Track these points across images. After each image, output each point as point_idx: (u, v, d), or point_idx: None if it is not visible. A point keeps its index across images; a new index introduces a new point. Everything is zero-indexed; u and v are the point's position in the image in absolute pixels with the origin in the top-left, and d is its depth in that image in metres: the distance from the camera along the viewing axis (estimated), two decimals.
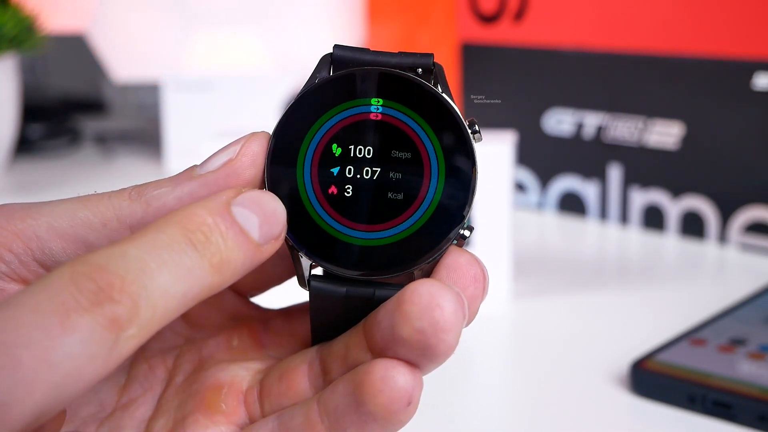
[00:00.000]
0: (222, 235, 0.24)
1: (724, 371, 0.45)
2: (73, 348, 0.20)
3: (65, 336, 0.20)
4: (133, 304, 0.21)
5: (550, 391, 0.48)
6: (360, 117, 0.27)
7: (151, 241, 0.23)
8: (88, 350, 0.21)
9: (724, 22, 0.69)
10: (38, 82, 1.27)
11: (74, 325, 0.21)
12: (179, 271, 0.23)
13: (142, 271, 0.22)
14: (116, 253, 0.22)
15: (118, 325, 0.21)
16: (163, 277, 0.22)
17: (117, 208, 0.26)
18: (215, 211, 0.24)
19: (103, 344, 0.21)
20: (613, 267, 0.70)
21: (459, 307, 0.24)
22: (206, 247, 0.23)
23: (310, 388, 0.27)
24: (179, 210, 0.24)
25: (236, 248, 0.24)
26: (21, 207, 0.27)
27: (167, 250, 0.23)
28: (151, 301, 0.22)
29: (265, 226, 0.25)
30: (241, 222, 0.24)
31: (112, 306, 0.21)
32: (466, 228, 0.27)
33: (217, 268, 0.23)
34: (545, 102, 0.80)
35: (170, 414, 0.29)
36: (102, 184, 0.29)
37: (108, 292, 0.21)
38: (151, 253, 0.22)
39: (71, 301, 0.21)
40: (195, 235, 0.23)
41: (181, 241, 0.23)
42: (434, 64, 0.27)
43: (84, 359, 0.21)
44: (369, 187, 0.27)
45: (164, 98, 0.93)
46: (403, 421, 0.25)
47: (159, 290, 0.22)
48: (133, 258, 0.22)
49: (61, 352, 0.20)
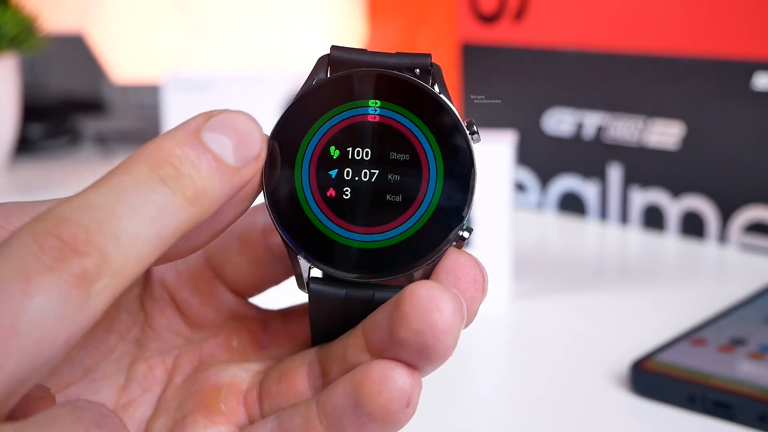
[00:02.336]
0: (193, 164, 0.23)
1: (724, 371, 0.45)
2: (40, 311, 0.20)
3: (29, 300, 0.20)
4: (100, 255, 0.21)
5: (550, 391, 0.48)
6: (358, 119, 0.27)
7: (117, 184, 0.22)
8: (57, 311, 0.20)
9: (724, 22, 0.69)
10: (38, 82, 1.27)
11: (38, 287, 0.20)
12: (149, 212, 0.22)
13: (108, 219, 0.21)
14: (78, 204, 0.21)
15: (86, 278, 0.20)
16: (131, 221, 0.21)
17: None
18: (183, 141, 0.23)
19: (72, 302, 0.20)
20: (613, 267, 0.70)
21: (457, 308, 0.24)
22: (177, 180, 0.22)
23: (309, 389, 0.27)
24: (146, 145, 0.23)
25: (211, 176, 0.23)
26: (18, 206, 0.26)
27: (134, 192, 0.22)
28: (122, 248, 0.21)
29: (241, 147, 0.24)
30: (214, 148, 0.23)
31: (78, 259, 0.20)
32: (465, 229, 0.27)
33: (192, 201, 0.22)
34: (545, 102, 0.80)
35: (169, 414, 0.29)
36: None
37: (72, 245, 0.20)
38: (116, 198, 0.21)
39: (33, 263, 0.20)
40: (164, 170, 0.22)
41: (148, 178, 0.22)
42: (432, 65, 0.27)
43: (54, 321, 0.20)
44: (367, 189, 0.27)
45: (164, 98, 0.93)
46: (402, 422, 0.25)
47: (129, 236, 0.21)
48: (97, 206, 0.21)
49: (28, 318, 0.19)
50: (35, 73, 1.27)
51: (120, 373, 0.29)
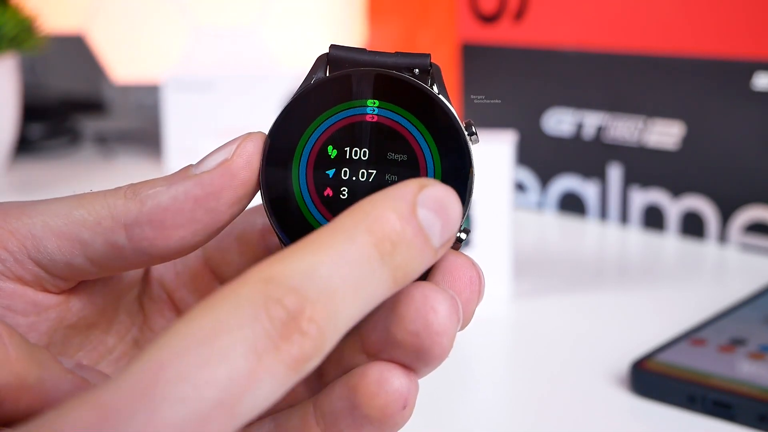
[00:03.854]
0: (408, 244, 0.22)
1: (724, 371, 0.45)
2: (260, 396, 0.19)
3: (256, 385, 0.19)
4: (320, 337, 0.20)
5: (550, 391, 0.48)
6: (356, 119, 0.27)
7: (343, 253, 0.21)
8: (274, 394, 0.20)
9: (724, 22, 0.69)
10: (38, 82, 1.27)
11: (266, 371, 0.19)
12: (367, 292, 0.21)
13: (332, 295, 0.21)
14: (306, 271, 0.21)
15: (303, 362, 0.20)
16: (351, 302, 0.21)
17: (112, 206, 0.26)
18: (404, 216, 0.22)
19: (286, 385, 0.20)
20: (613, 267, 0.70)
21: (453, 310, 0.24)
22: (392, 258, 0.22)
23: (306, 391, 0.27)
24: (367, 210, 0.22)
25: (419, 258, 0.23)
26: (16, 205, 0.27)
27: (358, 266, 0.21)
28: (338, 329, 0.21)
29: (446, 230, 0.23)
30: (426, 227, 0.23)
31: (301, 340, 0.20)
32: (462, 231, 0.26)
33: (398, 282, 0.22)
34: (545, 102, 0.80)
35: None
36: (102, 184, 0.29)
37: (298, 321, 0.20)
38: (341, 272, 0.21)
39: (263, 337, 0.19)
40: (383, 246, 0.22)
41: (371, 254, 0.22)
42: (431, 65, 0.27)
43: (267, 401, 0.20)
44: (365, 189, 0.27)
45: (164, 98, 0.93)
46: (399, 424, 0.25)
47: (345, 317, 0.21)
48: (324, 276, 0.21)
49: (250, 402, 0.19)
50: (35, 73, 1.27)
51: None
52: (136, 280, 0.30)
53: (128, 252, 0.26)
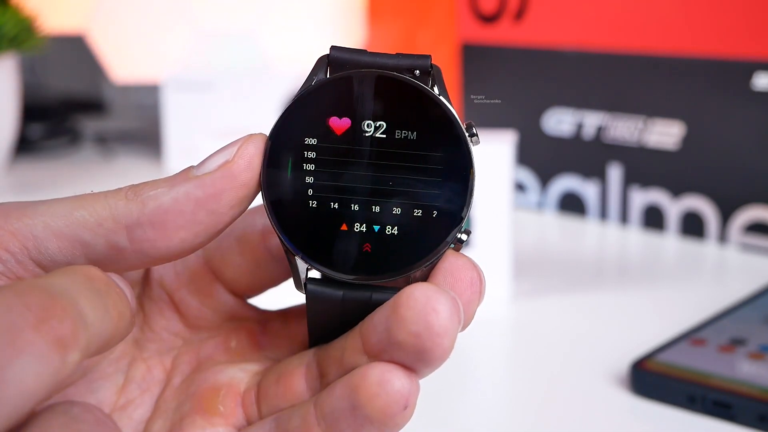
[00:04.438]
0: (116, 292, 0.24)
1: (724, 371, 0.45)
2: (25, 366, 0.20)
3: (18, 354, 0.20)
4: (73, 325, 0.21)
5: (550, 391, 0.48)
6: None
7: (73, 277, 0.23)
8: (38, 368, 0.21)
9: (724, 22, 0.69)
10: (38, 82, 1.27)
11: (25, 342, 0.20)
12: (98, 310, 0.23)
13: (75, 297, 0.22)
14: (49, 280, 0.22)
15: (64, 344, 0.21)
16: (87, 309, 0.22)
17: (113, 207, 0.26)
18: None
19: (51, 363, 0.21)
20: (613, 267, 0.70)
21: (454, 311, 0.24)
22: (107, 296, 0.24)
23: (307, 391, 0.27)
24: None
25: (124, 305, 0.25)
26: (17, 206, 0.26)
27: (86, 289, 0.23)
28: (86, 327, 0.22)
29: None
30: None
31: (59, 323, 0.21)
32: (463, 232, 0.26)
33: (116, 320, 0.24)
34: (545, 102, 0.80)
35: (168, 415, 0.29)
36: (102, 184, 0.29)
37: (51, 310, 0.21)
38: (78, 286, 0.23)
39: (19, 319, 0.21)
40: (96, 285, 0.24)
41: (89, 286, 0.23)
42: (432, 66, 0.27)
43: (34, 378, 0.20)
44: (365, 191, 0.27)
45: (164, 98, 0.93)
46: (400, 424, 0.25)
47: (89, 319, 0.22)
48: (65, 286, 0.22)
49: (14, 372, 0.20)
50: (35, 73, 1.27)
51: (119, 374, 0.29)
52: (136, 280, 0.30)
53: (129, 253, 0.26)
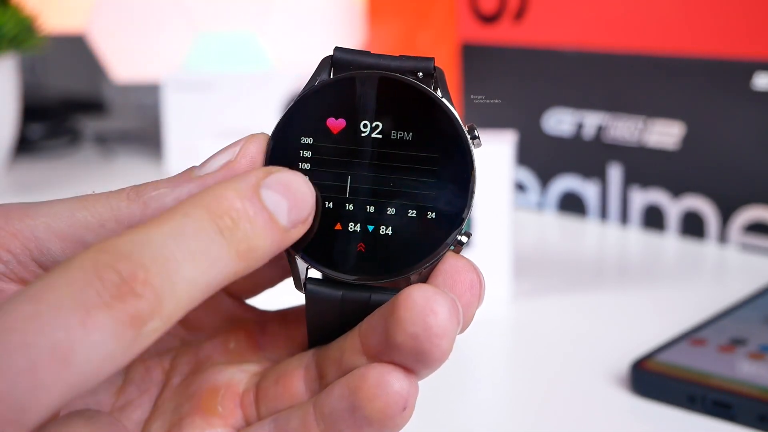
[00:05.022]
0: (250, 220, 0.23)
1: (724, 371, 0.45)
2: (93, 347, 0.20)
3: (86, 336, 0.20)
4: (156, 298, 0.21)
5: (550, 391, 0.48)
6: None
7: (178, 226, 0.22)
8: (108, 348, 0.20)
9: (724, 22, 0.69)
10: (38, 82, 1.27)
11: (96, 323, 0.20)
12: (205, 261, 0.22)
13: (167, 261, 0.21)
14: (141, 240, 0.21)
15: (139, 320, 0.21)
16: (188, 268, 0.22)
17: (115, 208, 0.26)
18: (244, 194, 0.23)
19: (123, 341, 0.20)
20: (613, 267, 0.70)
21: (453, 313, 0.24)
22: (233, 233, 0.23)
23: (306, 392, 0.27)
24: (207, 191, 0.23)
25: (263, 234, 0.23)
26: (19, 207, 0.26)
27: (194, 238, 0.22)
28: (176, 293, 0.21)
29: (294, 210, 0.24)
30: (270, 207, 0.23)
31: (135, 301, 0.20)
32: (463, 234, 0.26)
33: (243, 256, 0.23)
34: (545, 102, 0.80)
35: (167, 416, 0.29)
36: (102, 184, 0.29)
37: (131, 284, 0.21)
38: (177, 241, 0.22)
39: (93, 297, 0.20)
40: (222, 221, 0.22)
41: (208, 227, 0.22)
42: (435, 68, 0.27)
43: (102, 357, 0.20)
44: (366, 190, 0.27)
45: (164, 98, 0.93)
46: (399, 425, 0.25)
47: (184, 282, 0.21)
48: (158, 246, 0.21)
49: (82, 352, 0.20)
50: (35, 73, 1.27)
51: (118, 375, 0.29)
52: None
53: None
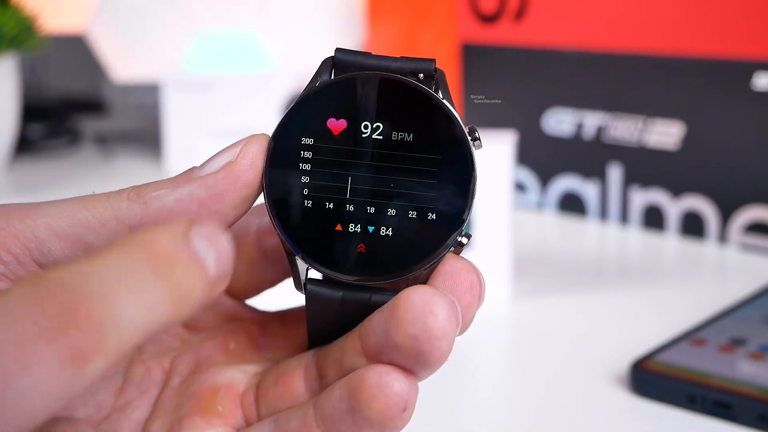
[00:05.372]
0: (185, 266, 0.22)
1: (724, 371, 0.45)
2: (31, 384, 0.19)
3: (23, 372, 0.19)
4: (98, 333, 0.20)
5: (550, 391, 0.48)
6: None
7: (118, 263, 0.21)
8: (47, 386, 0.19)
9: (724, 22, 0.69)
10: (38, 82, 1.27)
11: (34, 358, 0.19)
12: (146, 301, 0.21)
13: (108, 296, 0.20)
14: (83, 272, 0.20)
15: (81, 357, 0.19)
16: (130, 306, 0.20)
17: (116, 209, 0.26)
18: (177, 239, 0.22)
19: (63, 378, 0.19)
20: (613, 267, 0.70)
21: (453, 314, 0.24)
22: (169, 277, 0.21)
23: (306, 392, 0.27)
24: (140, 233, 0.22)
25: (196, 282, 0.22)
26: (19, 207, 0.26)
27: (134, 275, 0.21)
28: (117, 329, 0.20)
29: (220, 263, 0.23)
30: (201, 255, 0.22)
31: (78, 334, 0.19)
32: (463, 235, 0.27)
33: (177, 302, 0.22)
34: (545, 102, 0.80)
35: (167, 416, 0.29)
36: (102, 184, 0.29)
37: (74, 315, 0.19)
38: (119, 277, 0.21)
39: (32, 329, 0.19)
40: (159, 262, 0.21)
41: (146, 266, 0.21)
42: (436, 70, 0.27)
43: (42, 395, 0.19)
44: (367, 192, 0.27)
45: (164, 98, 0.93)
46: (399, 426, 0.25)
47: (125, 319, 0.20)
48: (98, 279, 0.20)
49: (18, 390, 0.19)
50: (35, 73, 1.27)
51: (118, 375, 0.29)
52: None
53: None
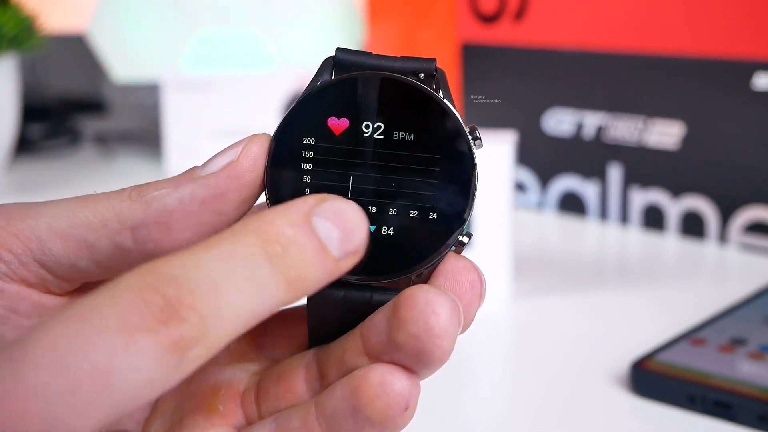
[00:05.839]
0: (300, 248, 0.22)
1: (724, 371, 0.45)
2: (135, 371, 0.20)
3: (128, 359, 0.19)
4: (201, 324, 0.20)
5: (550, 391, 0.48)
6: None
7: (227, 251, 0.21)
8: (150, 373, 0.20)
9: (724, 22, 0.69)
10: (38, 82, 1.27)
11: (138, 347, 0.20)
12: (253, 288, 0.21)
13: (214, 287, 0.21)
14: (188, 264, 0.21)
15: (183, 346, 0.20)
16: (235, 295, 0.21)
17: (117, 208, 0.26)
18: (295, 222, 0.22)
19: (165, 366, 0.20)
20: (613, 267, 0.70)
21: (454, 313, 0.24)
22: (283, 261, 0.22)
23: (307, 391, 0.27)
24: (257, 216, 0.22)
25: (314, 264, 0.22)
26: (20, 207, 0.27)
27: (243, 263, 0.21)
28: (221, 320, 0.21)
29: (346, 240, 0.23)
30: (322, 235, 0.23)
31: (179, 325, 0.20)
32: (465, 234, 0.27)
33: (291, 285, 0.22)
34: (545, 102, 0.80)
35: (167, 415, 0.29)
36: (102, 184, 0.29)
37: (176, 308, 0.20)
38: (225, 266, 0.21)
39: (137, 319, 0.20)
40: (272, 247, 0.22)
41: (257, 252, 0.22)
42: (436, 69, 0.27)
43: (144, 381, 0.20)
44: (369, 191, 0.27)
45: (164, 98, 0.93)
46: (401, 425, 0.25)
47: (230, 309, 0.21)
48: (206, 270, 0.21)
49: (123, 375, 0.19)
50: (35, 73, 1.27)
51: None
52: None
53: (134, 254, 0.26)
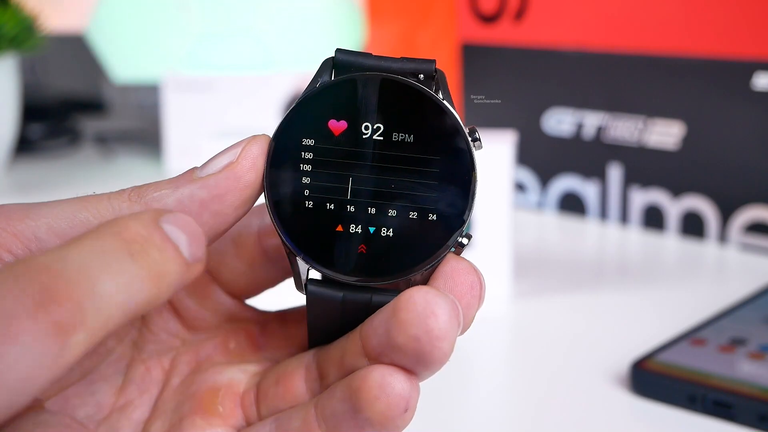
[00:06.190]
0: (158, 247, 0.23)
1: (724, 371, 0.45)
2: (21, 354, 0.20)
3: (12, 342, 0.20)
4: (78, 309, 0.21)
5: (550, 391, 0.48)
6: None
7: (96, 246, 0.22)
8: (35, 357, 0.20)
9: (724, 22, 0.69)
10: (38, 82, 1.27)
11: (19, 330, 0.20)
12: (121, 279, 0.22)
13: (86, 276, 0.21)
14: (61, 254, 0.22)
15: (63, 331, 0.20)
16: (107, 285, 0.22)
17: (117, 209, 0.26)
18: (148, 224, 0.23)
19: (49, 352, 0.20)
20: (613, 267, 0.70)
21: (454, 315, 0.24)
22: (144, 257, 0.23)
23: (306, 392, 0.27)
24: (112, 221, 0.23)
25: (172, 260, 0.23)
26: (20, 207, 0.26)
27: (110, 257, 0.22)
28: (97, 306, 0.21)
29: (193, 245, 0.24)
30: (173, 237, 0.24)
31: (57, 310, 0.20)
32: (464, 236, 0.27)
33: (154, 280, 0.23)
34: (545, 102, 0.80)
35: (167, 416, 0.29)
36: (102, 184, 0.29)
37: (52, 294, 0.21)
38: (95, 258, 0.22)
39: (16, 306, 0.20)
40: (132, 246, 0.23)
41: (121, 249, 0.22)
42: (436, 70, 0.27)
43: (31, 366, 0.20)
44: (368, 192, 0.27)
45: (164, 98, 0.93)
46: (400, 427, 0.25)
47: (103, 298, 0.21)
48: (77, 261, 0.22)
49: (9, 360, 0.20)
50: (35, 73, 1.27)
51: (118, 375, 0.29)
52: None
53: None
